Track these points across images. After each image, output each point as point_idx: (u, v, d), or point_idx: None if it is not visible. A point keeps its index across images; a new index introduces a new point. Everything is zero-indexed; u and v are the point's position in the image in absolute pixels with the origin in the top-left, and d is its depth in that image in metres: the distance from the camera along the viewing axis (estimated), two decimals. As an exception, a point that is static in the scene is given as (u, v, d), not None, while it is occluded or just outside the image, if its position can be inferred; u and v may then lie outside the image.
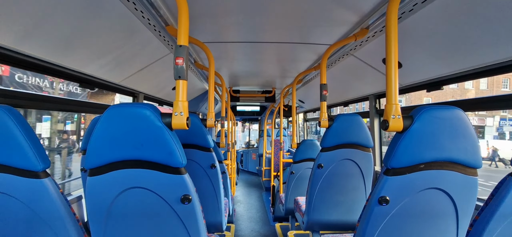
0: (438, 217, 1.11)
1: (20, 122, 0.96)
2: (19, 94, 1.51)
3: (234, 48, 2.39)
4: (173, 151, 1.02)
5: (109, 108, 1.02)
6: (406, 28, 1.48)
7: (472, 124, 1.04)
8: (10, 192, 0.97)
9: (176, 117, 1.03)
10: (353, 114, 1.97)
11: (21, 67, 1.41)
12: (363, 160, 1.98)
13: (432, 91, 1.96)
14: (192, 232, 1.11)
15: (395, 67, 1.07)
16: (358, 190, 2.03)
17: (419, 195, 1.08)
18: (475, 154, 1.04)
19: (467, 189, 1.07)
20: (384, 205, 1.08)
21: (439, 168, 1.05)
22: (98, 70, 1.83)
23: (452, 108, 1.03)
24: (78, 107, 2.16)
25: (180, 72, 1.04)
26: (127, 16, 1.44)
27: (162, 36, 1.85)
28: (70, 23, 1.27)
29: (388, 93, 1.08)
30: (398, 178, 1.05)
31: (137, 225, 1.10)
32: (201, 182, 2.05)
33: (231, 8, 1.60)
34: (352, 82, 2.76)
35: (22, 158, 0.95)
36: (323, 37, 2.05)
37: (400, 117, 1.03)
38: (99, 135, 1.01)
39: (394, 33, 1.07)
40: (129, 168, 1.03)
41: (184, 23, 1.07)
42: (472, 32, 1.27)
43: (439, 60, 1.62)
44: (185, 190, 1.06)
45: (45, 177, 0.99)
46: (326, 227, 2.12)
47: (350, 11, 1.59)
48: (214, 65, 1.78)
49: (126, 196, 1.06)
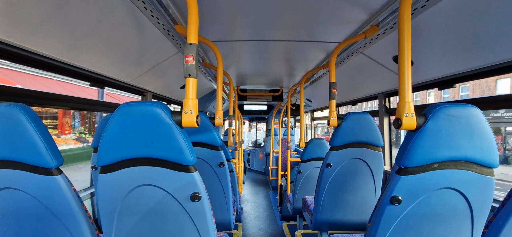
0: (452, 218, 1.08)
1: (35, 120, 0.98)
2: (32, 93, 1.54)
3: (242, 46, 2.39)
4: (183, 149, 1.02)
5: (120, 106, 1.03)
6: (418, 24, 1.45)
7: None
8: (24, 189, 1.00)
9: (186, 115, 1.03)
10: (363, 112, 1.94)
11: (31, 65, 1.42)
12: (373, 159, 1.95)
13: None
14: (201, 230, 1.12)
15: (408, 65, 1.05)
16: (367, 189, 2.00)
17: (433, 195, 1.05)
18: (492, 153, 1.01)
19: (483, 189, 1.04)
20: (396, 205, 1.05)
21: (453, 167, 1.02)
22: (107, 69, 1.86)
23: (468, 106, 1.00)
24: (90, 106, 2.20)
25: (190, 70, 1.04)
26: (136, 15, 1.46)
27: (170, 35, 1.87)
28: (80, 21, 1.29)
29: (401, 90, 1.05)
30: (411, 178, 1.03)
31: (147, 222, 1.11)
32: (209, 180, 2.06)
33: (239, 7, 1.60)
34: (361, 80, 2.73)
35: (36, 156, 0.97)
36: (332, 35, 2.02)
37: (413, 115, 1.01)
38: (111, 133, 1.02)
39: (407, 30, 1.05)
40: (140, 166, 1.04)
41: (194, 21, 1.07)
42: (486, 28, 1.23)
43: (452, 58, 1.58)
44: (195, 188, 1.06)
45: (58, 174, 1.01)
46: (334, 226, 2.10)
47: (360, 8, 1.57)
48: (222, 64, 1.79)
49: (137, 193, 1.07)
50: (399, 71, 1.06)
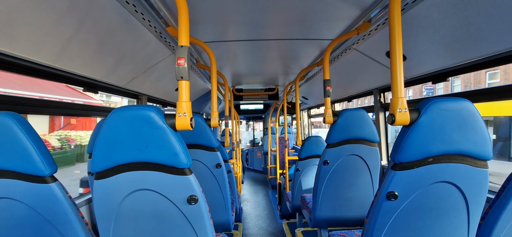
0: (449, 211, 1.09)
1: (26, 128, 0.97)
2: (24, 101, 1.52)
3: (236, 46, 2.38)
4: (178, 152, 1.01)
5: (113, 111, 1.02)
6: (410, 19, 1.46)
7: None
8: (18, 198, 0.99)
9: (180, 118, 1.03)
10: (358, 109, 1.95)
11: (22, 72, 1.40)
12: (370, 155, 1.95)
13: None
14: (200, 232, 1.11)
15: (400, 60, 1.05)
16: (365, 185, 2.01)
17: (429, 189, 1.06)
18: (485, 145, 1.02)
19: (478, 181, 1.05)
20: (393, 200, 1.06)
21: (448, 161, 1.03)
22: (101, 73, 1.84)
23: (460, 99, 1.01)
24: (84, 111, 2.18)
25: (182, 73, 1.04)
26: (127, 19, 1.44)
27: (163, 37, 1.85)
28: (69, 26, 1.27)
29: (393, 86, 1.06)
30: (406, 173, 1.04)
31: (145, 227, 1.11)
32: (207, 182, 2.05)
33: (231, 7, 1.59)
34: (356, 76, 2.73)
35: (29, 164, 0.96)
36: (325, 32, 2.02)
37: (406, 111, 1.01)
38: (104, 138, 1.01)
39: (397, 26, 1.05)
40: (135, 171, 1.04)
41: (185, 24, 1.06)
42: (477, 21, 1.24)
43: (444, 51, 1.59)
44: (191, 191, 1.06)
45: (52, 182, 1.00)
46: (333, 223, 2.11)
47: (352, 5, 1.57)
48: (216, 65, 1.78)
49: (133, 198, 1.06)
50: (391, 67, 1.07)
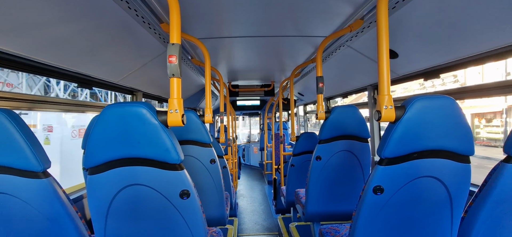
0: (433, 205, 1.13)
1: (19, 124, 0.98)
2: (17, 96, 1.53)
3: (231, 43, 2.39)
4: (169, 148, 1.03)
5: (105, 107, 1.04)
6: (401, 17, 1.48)
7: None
8: (12, 193, 1.00)
9: (171, 115, 1.05)
10: (350, 105, 1.97)
11: (16, 68, 1.41)
12: (361, 151, 1.99)
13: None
14: (192, 226, 1.14)
15: (386, 58, 1.07)
16: (356, 181, 2.05)
17: (413, 183, 1.09)
18: (468, 142, 1.05)
19: (460, 176, 1.08)
20: (379, 194, 1.09)
21: (432, 156, 1.06)
22: (95, 69, 1.84)
23: (443, 97, 1.04)
24: (79, 107, 2.18)
25: (173, 70, 1.05)
26: (121, 15, 1.45)
27: (157, 33, 1.86)
28: (62, 21, 1.27)
29: (380, 84, 1.08)
30: (392, 168, 1.07)
31: (139, 221, 1.13)
32: (201, 177, 2.07)
33: (226, 4, 1.60)
34: (350, 73, 2.76)
35: (22, 160, 0.98)
36: (319, 29, 2.04)
37: (392, 108, 1.04)
38: (97, 134, 1.03)
39: (385, 24, 1.07)
40: (128, 166, 1.06)
41: (176, 21, 1.08)
42: (467, 19, 1.27)
43: (435, 49, 1.61)
44: (184, 186, 1.08)
45: (46, 177, 1.02)
46: (325, 217, 2.15)
47: (345, 2, 1.59)
48: (210, 61, 1.79)
49: (126, 193, 1.08)
50: (378, 65, 1.09)
